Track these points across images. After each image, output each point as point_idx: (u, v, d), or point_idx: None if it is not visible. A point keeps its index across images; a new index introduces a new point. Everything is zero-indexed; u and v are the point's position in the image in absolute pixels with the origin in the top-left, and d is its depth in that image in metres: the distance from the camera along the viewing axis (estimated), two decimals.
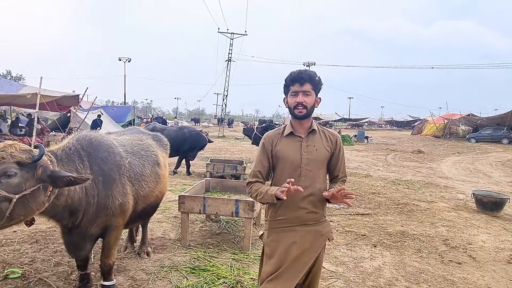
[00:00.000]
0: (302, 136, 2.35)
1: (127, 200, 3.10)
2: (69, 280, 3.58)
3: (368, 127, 61.11)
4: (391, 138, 32.12)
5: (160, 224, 5.56)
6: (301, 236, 2.32)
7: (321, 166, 2.36)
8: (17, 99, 12.59)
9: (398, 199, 8.01)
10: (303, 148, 2.32)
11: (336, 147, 2.41)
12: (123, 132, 4.11)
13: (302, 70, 2.31)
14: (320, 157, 2.35)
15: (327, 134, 2.44)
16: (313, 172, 2.32)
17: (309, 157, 2.31)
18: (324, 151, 2.36)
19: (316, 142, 2.36)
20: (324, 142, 2.38)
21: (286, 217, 2.33)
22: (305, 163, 2.30)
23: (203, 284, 3.59)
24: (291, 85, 2.31)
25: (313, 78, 2.29)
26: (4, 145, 2.29)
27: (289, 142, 2.37)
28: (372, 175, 11.57)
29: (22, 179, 2.27)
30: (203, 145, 10.78)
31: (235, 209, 4.59)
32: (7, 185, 2.21)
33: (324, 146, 2.36)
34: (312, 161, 2.32)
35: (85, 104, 14.58)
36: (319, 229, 2.36)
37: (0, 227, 2.32)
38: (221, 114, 39.47)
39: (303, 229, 2.32)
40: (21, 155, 2.28)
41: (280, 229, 2.36)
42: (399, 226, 6.04)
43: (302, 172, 2.30)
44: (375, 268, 4.32)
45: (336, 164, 2.44)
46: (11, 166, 2.23)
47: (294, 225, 2.33)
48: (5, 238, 4.55)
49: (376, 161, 15.90)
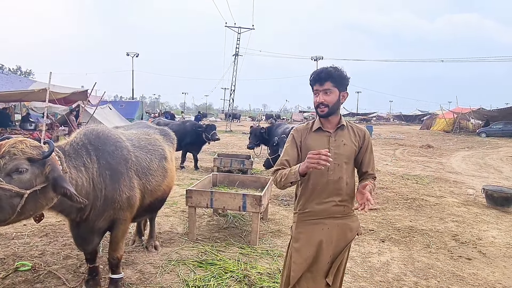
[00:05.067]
0: (331, 131, 2.38)
1: (134, 194, 3.11)
2: (78, 273, 3.61)
3: (376, 122, 60.65)
4: (399, 133, 31.80)
5: (167, 218, 5.58)
6: (329, 229, 2.33)
7: (349, 161, 2.37)
8: (27, 95, 12.70)
9: (407, 194, 7.94)
10: (331, 142, 2.34)
11: (364, 142, 2.42)
12: (130, 126, 4.11)
13: (322, 69, 2.32)
14: (347, 152, 2.36)
15: (355, 129, 2.45)
16: (341, 166, 2.33)
17: (336, 151, 2.32)
18: (352, 146, 2.37)
19: (345, 137, 2.37)
20: (352, 137, 2.39)
21: (314, 209, 2.36)
22: (332, 157, 2.28)
23: (211, 278, 3.60)
24: (313, 85, 2.34)
25: (333, 75, 2.28)
26: (15, 141, 2.31)
27: (317, 137, 2.40)
28: (380, 170, 11.47)
29: (33, 175, 2.30)
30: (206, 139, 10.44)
31: (242, 204, 4.58)
32: (19, 181, 2.24)
33: (352, 141, 2.38)
34: (340, 156, 2.33)
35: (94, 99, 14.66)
36: (347, 222, 2.38)
37: (11, 222, 2.34)
38: (228, 109, 39.47)
39: (331, 222, 2.33)
40: (32, 152, 2.29)
41: (308, 222, 2.38)
42: (408, 221, 5.98)
43: (330, 166, 2.28)
44: (383, 263, 4.29)
45: (364, 159, 2.44)
46: (23, 162, 2.25)
47: (322, 217, 2.34)
48: (15, 231, 4.61)
49: (384, 156, 15.77)
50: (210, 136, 10.06)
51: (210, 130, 10.11)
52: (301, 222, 2.42)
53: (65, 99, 13.68)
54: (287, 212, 6.19)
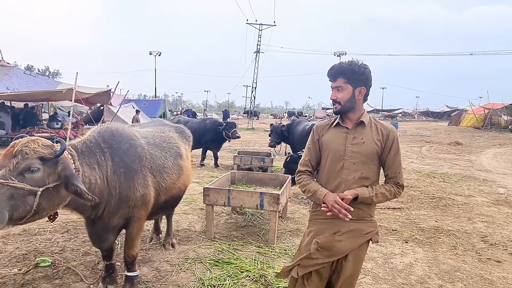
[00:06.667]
0: (349, 128, 2.26)
1: (148, 192, 3.09)
2: (95, 270, 3.65)
3: (402, 118, 59.16)
4: (426, 129, 30.85)
5: (186, 216, 5.59)
6: (339, 230, 2.23)
7: (367, 161, 2.21)
8: (54, 95, 13.11)
9: (433, 193, 7.64)
10: (349, 139, 2.22)
11: (387, 142, 2.23)
12: (146, 124, 4.12)
13: (334, 65, 2.24)
14: (367, 151, 2.20)
15: (379, 127, 2.27)
16: (357, 165, 2.20)
17: (354, 149, 2.20)
18: (373, 144, 2.21)
19: (365, 134, 2.23)
20: (374, 135, 2.22)
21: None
22: (349, 155, 2.20)
23: (226, 277, 3.56)
24: (330, 82, 2.28)
25: (344, 71, 2.18)
26: (28, 141, 2.34)
27: (335, 133, 2.30)
28: (406, 168, 11.12)
29: (45, 173, 2.32)
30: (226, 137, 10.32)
31: (259, 202, 4.51)
32: (31, 180, 2.27)
33: (374, 140, 2.21)
34: (357, 154, 2.20)
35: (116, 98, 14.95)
36: (361, 227, 2.24)
37: (27, 221, 2.38)
38: (249, 106, 39.46)
39: (343, 223, 2.21)
40: (44, 151, 2.32)
41: (320, 221, 2.30)
42: (433, 221, 5.75)
43: (345, 165, 2.21)
44: (406, 265, 4.12)
45: (387, 160, 2.25)
46: (35, 161, 2.28)
47: (332, 217, 2.23)
48: (38, 227, 4.72)
49: (410, 153, 15.31)
50: (230, 134, 10.03)
51: (230, 128, 10.07)
52: (312, 221, 2.34)
53: (88, 101, 14.05)
54: (306, 211, 6.07)
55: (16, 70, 13.64)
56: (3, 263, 3.71)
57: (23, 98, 13.85)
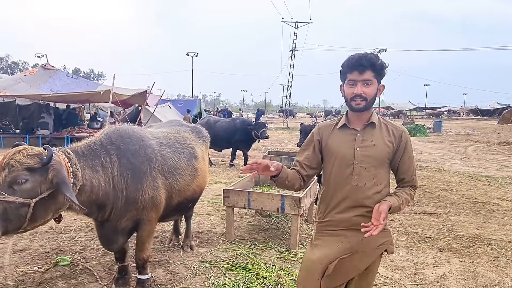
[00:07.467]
0: (358, 129, 2.02)
1: (158, 194, 3.02)
2: (112, 271, 3.64)
3: (448, 117, 56.16)
4: (473, 128, 29.00)
5: (209, 217, 5.52)
6: (350, 243, 2.01)
7: (379, 165, 2.00)
8: (93, 96, 13.66)
9: (476, 197, 7.06)
10: (358, 142, 1.99)
11: (400, 143, 2.02)
12: (162, 124, 4.07)
13: (362, 55, 1.94)
14: (378, 154, 1.99)
15: (390, 127, 2.06)
16: (368, 170, 1.98)
17: (364, 153, 1.98)
18: (384, 147, 2.00)
19: (375, 136, 2.01)
20: (385, 136, 2.02)
21: (334, 219, 2.05)
22: (359, 159, 1.97)
23: (240, 283, 3.42)
24: (348, 73, 1.97)
25: (375, 63, 1.92)
26: (14, 152, 2.29)
27: (342, 135, 2.06)
28: (447, 170, 10.44)
29: (35, 183, 2.28)
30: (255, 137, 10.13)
31: (280, 205, 4.33)
32: (21, 192, 2.23)
33: (385, 142, 2.00)
34: (368, 158, 1.98)
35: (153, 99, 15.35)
36: (375, 238, 1.96)
37: (26, 229, 2.39)
38: (285, 105, 39.13)
39: (353, 234, 2.00)
40: (29, 161, 2.26)
41: (327, 233, 2.08)
42: (474, 229, 5.27)
43: (355, 170, 1.98)
44: (439, 277, 3.78)
45: (401, 163, 2.05)
46: (21, 173, 2.23)
47: (342, 229, 2.03)
48: (64, 225, 4.84)
49: (453, 153, 14.40)
50: (259, 134, 9.89)
51: (259, 128, 9.93)
52: (319, 233, 2.12)
53: (125, 102, 14.50)
54: None
55: (60, 73, 14.35)
56: (26, 261, 3.82)
57: (65, 99, 14.57)
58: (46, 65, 14.71)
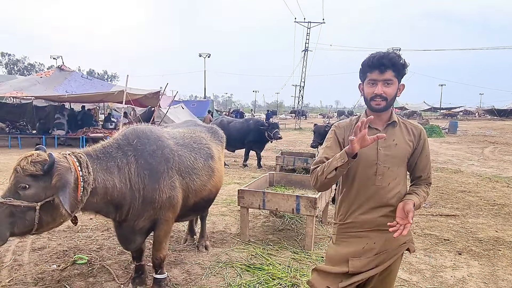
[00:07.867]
0: (380, 129, 2.01)
1: (175, 194, 3.03)
2: (128, 270, 3.67)
3: (463, 117, 55.18)
4: (490, 129, 28.43)
5: (223, 218, 5.52)
6: (375, 243, 1.99)
7: (401, 164, 2.00)
8: (107, 96, 13.86)
9: (494, 199, 6.91)
10: (380, 142, 1.96)
11: (419, 142, 2.04)
12: (178, 125, 4.09)
13: (383, 54, 1.91)
14: (400, 154, 1.99)
15: (409, 126, 2.06)
16: (391, 170, 1.97)
17: (387, 153, 1.97)
18: (406, 146, 2.00)
19: (396, 136, 2.00)
20: (406, 136, 2.02)
21: (357, 220, 2.02)
22: (382, 159, 1.96)
23: (256, 284, 3.41)
24: (368, 72, 1.94)
25: (397, 63, 1.89)
26: (21, 158, 2.38)
27: None
28: (464, 171, 10.26)
29: (39, 189, 2.34)
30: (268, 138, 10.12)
31: (295, 206, 4.30)
32: (25, 196, 2.32)
33: (406, 141, 2.01)
34: (391, 158, 1.97)
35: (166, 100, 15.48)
36: (398, 237, 1.94)
37: (38, 232, 2.48)
38: (297, 106, 39.00)
39: (377, 235, 1.99)
40: (32, 168, 2.33)
41: (350, 235, 2.06)
42: (493, 231, 5.15)
43: (378, 170, 1.96)
44: (458, 280, 3.70)
45: (419, 162, 2.06)
46: (24, 179, 2.32)
47: (366, 230, 2.01)
48: (82, 224, 4.91)
49: (470, 154, 14.14)
50: (272, 135, 9.87)
51: (272, 129, 9.91)
52: (340, 235, 2.09)
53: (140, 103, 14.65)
54: None
55: (75, 74, 14.59)
56: (44, 259, 3.88)
57: (80, 100, 14.83)
58: (61, 66, 14.97)
